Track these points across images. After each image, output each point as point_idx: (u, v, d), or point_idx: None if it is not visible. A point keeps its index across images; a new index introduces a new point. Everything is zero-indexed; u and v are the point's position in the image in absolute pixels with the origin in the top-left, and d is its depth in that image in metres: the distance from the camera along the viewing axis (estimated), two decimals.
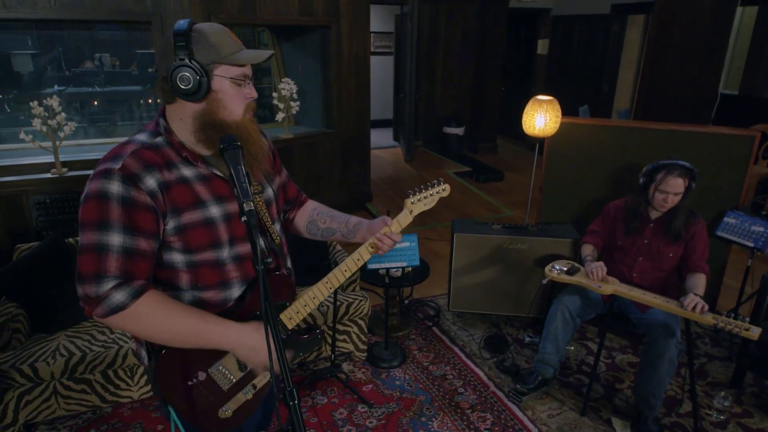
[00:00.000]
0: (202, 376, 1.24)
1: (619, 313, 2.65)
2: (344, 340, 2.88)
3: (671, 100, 5.30)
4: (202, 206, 1.15)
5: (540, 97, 3.38)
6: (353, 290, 2.94)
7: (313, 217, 1.49)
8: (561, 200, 3.54)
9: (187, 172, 1.14)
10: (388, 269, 2.80)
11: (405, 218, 1.41)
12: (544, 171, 3.55)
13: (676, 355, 2.36)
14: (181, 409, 1.23)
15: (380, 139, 8.49)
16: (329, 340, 2.82)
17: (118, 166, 1.06)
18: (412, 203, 1.41)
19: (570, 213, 3.53)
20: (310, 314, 2.69)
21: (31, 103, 3.33)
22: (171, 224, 1.12)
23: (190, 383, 1.23)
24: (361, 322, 2.88)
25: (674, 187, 2.41)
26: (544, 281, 2.59)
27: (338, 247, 3.14)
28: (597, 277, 2.46)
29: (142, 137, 1.14)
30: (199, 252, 1.17)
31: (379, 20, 8.93)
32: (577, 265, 2.62)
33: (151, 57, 4.48)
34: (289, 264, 1.41)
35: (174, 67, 1.07)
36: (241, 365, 1.29)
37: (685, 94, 5.19)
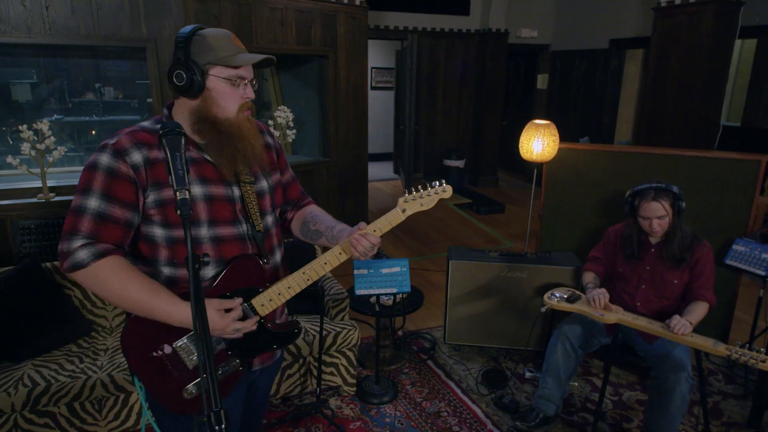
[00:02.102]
0: (167, 349, 1.25)
1: (624, 345, 2.48)
2: (331, 373, 2.71)
3: (672, 131, 5.24)
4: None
5: (537, 121, 3.31)
6: (342, 319, 2.79)
7: (307, 219, 1.51)
8: (561, 228, 3.42)
9: None
10: (378, 296, 2.66)
11: (395, 217, 1.36)
12: (543, 198, 3.45)
13: (687, 391, 2.18)
14: (145, 382, 1.25)
15: (381, 171, 8.47)
16: (315, 372, 2.65)
17: (113, 141, 1.18)
18: (405, 201, 1.36)
19: (571, 241, 3.40)
20: (294, 345, 2.54)
21: (20, 128, 3.29)
22: (152, 197, 1.19)
23: (155, 354, 1.24)
24: (349, 353, 2.71)
25: (653, 211, 2.30)
26: (543, 309, 2.44)
27: (329, 274, 3.00)
28: (599, 305, 2.31)
29: (145, 123, 1.26)
30: (177, 228, 1.22)
31: (381, 56, 9.07)
32: (578, 292, 2.48)
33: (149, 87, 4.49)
34: (277, 257, 1.41)
35: (171, 66, 1.20)
36: None
37: (686, 125, 5.13)
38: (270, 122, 4.41)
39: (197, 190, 1.24)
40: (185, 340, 1.25)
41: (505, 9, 7.21)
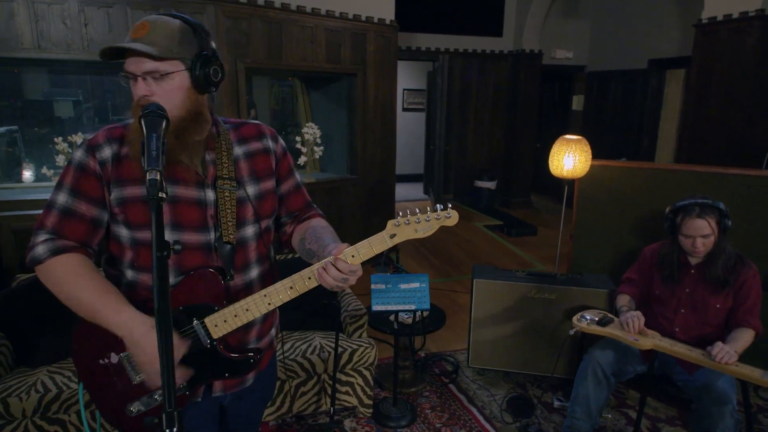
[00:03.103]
0: (114, 358, 1.17)
1: (662, 374, 2.29)
2: (347, 393, 2.60)
3: (717, 151, 4.98)
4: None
5: (568, 136, 3.19)
6: (359, 336, 2.69)
7: (305, 235, 1.34)
8: (594, 249, 3.25)
9: None
10: (396, 313, 2.56)
11: (380, 243, 1.15)
12: (575, 217, 3.29)
13: (732, 427, 1.97)
14: (89, 389, 1.18)
15: (411, 192, 8.41)
16: (329, 391, 2.55)
17: (91, 137, 1.16)
18: (396, 225, 1.16)
19: (604, 263, 3.22)
20: (307, 359, 2.46)
21: (55, 140, 3.39)
22: (114, 195, 1.14)
23: (101, 362, 1.17)
24: (366, 372, 2.60)
25: (698, 229, 2.13)
26: (572, 332, 2.28)
27: (348, 290, 2.93)
28: (633, 329, 2.14)
29: (130, 120, 1.18)
30: (139, 229, 1.15)
31: (413, 78, 9.11)
32: (610, 315, 2.31)
33: None
34: (252, 274, 1.28)
35: None
36: None
37: (731, 145, 4.87)
38: (298, 138, 4.43)
39: None
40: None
41: (539, 30, 7.13)
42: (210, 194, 1.19)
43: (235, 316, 1.18)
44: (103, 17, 3.45)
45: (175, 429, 0.64)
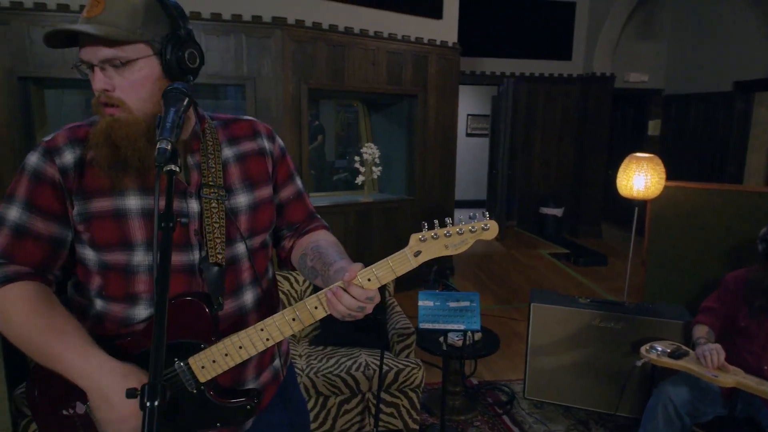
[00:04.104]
0: (80, 408, 0.95)
1: (747, 417, 2.00)
2: (392, 414, 2.49)
3: None
4: (118, 194, 0.94)
5: (639, 154, 2.98)
6: (406, 356, 2.59)
7: (307, 251, 1.12)
8: (668, 277, 2.97)
9: None
10: (445, 334, 2.44)
11: (402, 262, 0.95)
12: (647, 242, 3.04)
13: None
14: None
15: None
16: (373, 410, 2.45)
17: (48, 138, 0.97)
18: (422, 240, 0.94)
19: (679, 292, 2.93)
20: (351, 375, 2.39)
21: None
22: (77, 209, 0.94)
23: (65, 413, 0.96)
24: (412, 394, 2.49)
25: None
26: (639, 363, 2.07)
27: (397, 308, 2.85)
28: (712, 364, 1.90)
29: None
30: (107, 251, 0.95)
31: (477, 103, 9.04)
32: (684, 347, 2.08)
33: None
34: (246, 299, 1.07)
35: None
36: None
37: None
38: (357, 158, 4.47)
39: (133, 202, 0.95)
40: None
41: (610, 53, 6.87)
42: (194, 205, 1.00)
43: (226, 354, 0.96)
44: None
45: (156, 402, 0.59)
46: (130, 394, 0.69)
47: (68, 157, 0.94)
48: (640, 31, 7.10)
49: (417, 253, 0.95)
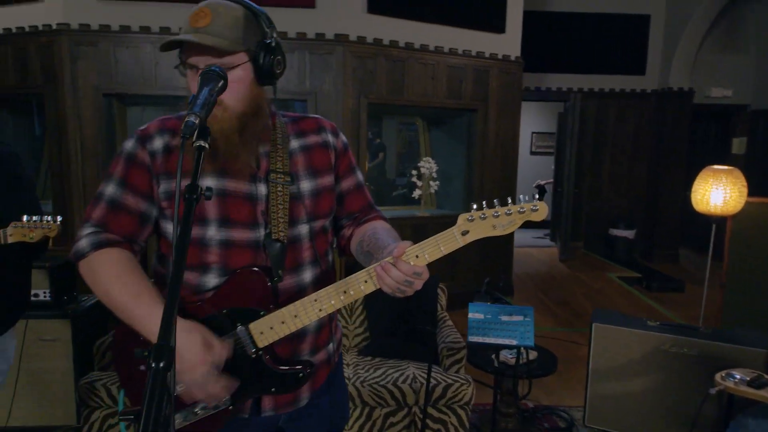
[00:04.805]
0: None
1: None
2: (438, 431, 2.40)
3: None
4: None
5: (716, 166, 2.75)
6: (456, 371, 2.49)
7: (364, 237, 1.20)
8: (750, 301, 2.69)
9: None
10: (497, 351, 2.33)
11: (449, 240, 0.98)
12: (727, 263, 2.78)
13: None
14: (130, 397, 1.10)
15: (536, 238, 7.97)
16: (419, 425, 2.37)
17: (142, 128, 1.12)
18: (470, 220, 0.98)
19: (764, 318, 2.64)
20: (398, 387, 2.33)
21: None
22: (163, 187, 1.08)
23: (141, 368, 1.07)
24: (461, 411, 2.38)
25: None
26: (713, 391, 1.87)
27: (448, 321, 2.76)
28: None
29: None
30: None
31: (542, 121, 8.82)
32: (767, 376, 1.85)
33: None
34: (305, 276, 1.16)
35: None
36: None
37: None
38: (414, 172, 4.46)
39: (210, 182, 1.08)
40: None
41: (689, 67, 6.48)
42: (262, 188, 1.11)
43: (282, 322, 1.06)
44: None
45: (162, 364, 0.59)
46: (139, 354, 0.71)
47: (157, 143, 1.09)
48: (721, 43, 6.65)
49: (464, 233, 0.99)
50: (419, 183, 4.39)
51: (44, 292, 2.48)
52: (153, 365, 0.61)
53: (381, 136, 6.60)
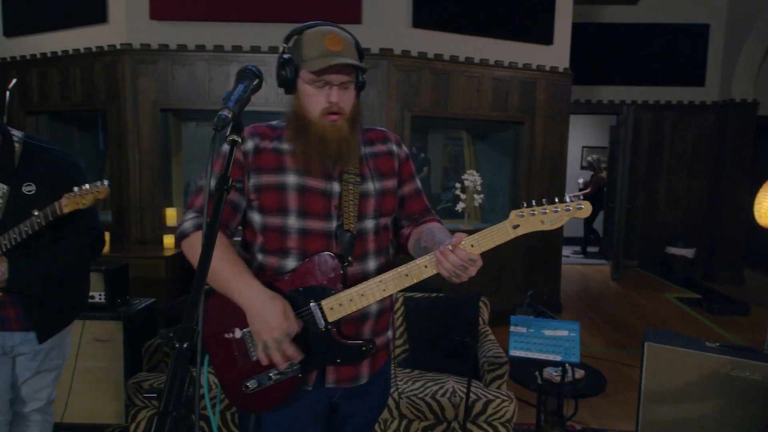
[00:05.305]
0: (237, 333, 1.23)
1: None
2: None
3: None
4: (281, 172, 1.26)
5: None
6: (497, 387, 2.41)
7: (421, 235, 1.36)
8: None
9: (284, 145, 1.28)
10: (541, 368, 2.25)
11: (502, 232, 1.15)
12: None
13: None
14: (213, 362, 1.25)
15: (573, 255, 7.71)
16: None
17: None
18: (521, 216, 1.15)
19: None
20: (436, 401, 2.29)
21: None
22: (252, 181, 1.26)
23: (226, 336, 1.23)
24: (502, 429, 2.30)
25: None
26: None
27: (490, 336, 2.69)
28: None
29: (273, 122, 1.35)
30: (269, 214, 1.26)
31: (594, 134, 8.58)
32: None
33: None
34: (369, 265, 1.31)
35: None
36: None
37: None
38: (457, 185, 4.41)
39: (292, 179, 1.26)
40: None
41: (752, 77, 6.14)
42: (336, 186, 1.28)
43: (351, 300, 1.20)
44: None
45: (185, 345, 0.60)
46: (164, 336, 0.73)
47: (249, 144, 1.27)
48: None
49: (515, 226, 1.14)
50: (463, 196, 4.35)
51: (100, 295, 2.60)
52: (177, 345, 0.62)
53: (426, 150, 6.61)
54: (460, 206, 4.35)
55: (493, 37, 4.30)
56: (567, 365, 2.23)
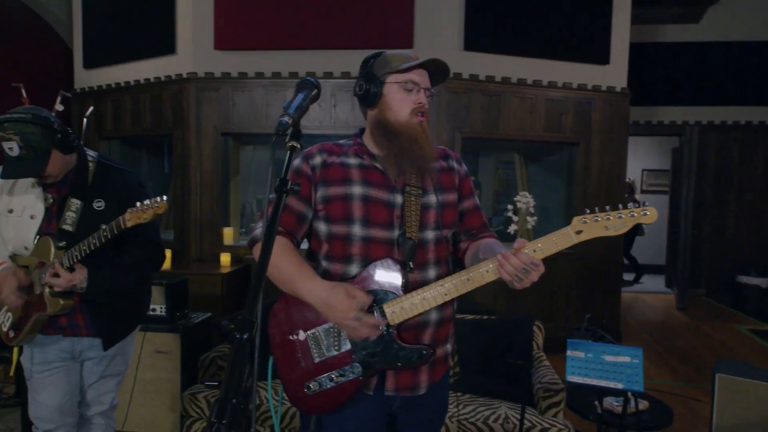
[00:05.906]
0: (301, 335, 1.27)
1: None
2: None
3: None
4: (347, 184, 1.33)
5: None
6: (554, 415, 2.31)
7: (479, 248, 1.40)
8: None
9: (351, 160, 1.36)
10: (600, 391, 2.13)
11: (564, 238, 1.16)
12: None
13: None
14: (277, 362, 1.29)
15: (650, 284, 7.30)
16: None
17: (308, 149, 1.40)
18: (584, 222, 1.15)
19: None
20: (488, 426, 2.21)
21: None
22: (320, 193, 1.33)
23: (290, 338, 1.28)
24: None
25: None
26: None
27: (545, 361, 2.59)
28: None
29: (341, 141, 1.45)
30: (335, 223, 1.32)
31: (654, 157, 8.24)
32: None
33: None
34: (429, 273, 1.34)
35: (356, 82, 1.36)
36: (330, 341, 1.27)
37: None
38: (510, 206, 4.34)
39: (357, 189, 1.33)
40: (319, 330, 1.27)
41: None
42: (398, 198, 1.34)
43: (412, 304, 1.24)
44: (349, 100, 4.08)
45: (245, 336, 0.62)
46: (224, 326, 0.75)
47: (317, 159, 1.36)
48: None
49: (578, 232, 1.15)
50: (515, 218, 4.26)
51: (161, 308, 2.72)
52: (237, 336, 0.64)
53: (476, 174, 6.56)
54: (512, 228, 4.26)
55: (546, 57, 4.26)
56: (629, 394, 2.10)
